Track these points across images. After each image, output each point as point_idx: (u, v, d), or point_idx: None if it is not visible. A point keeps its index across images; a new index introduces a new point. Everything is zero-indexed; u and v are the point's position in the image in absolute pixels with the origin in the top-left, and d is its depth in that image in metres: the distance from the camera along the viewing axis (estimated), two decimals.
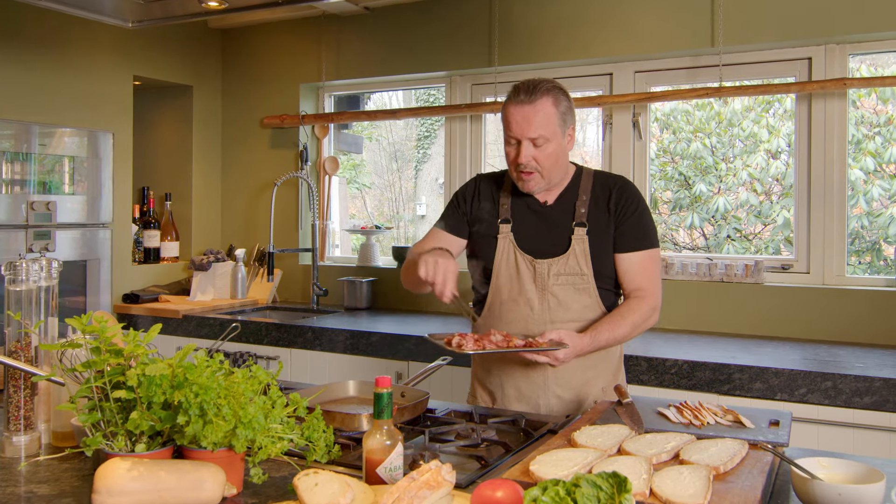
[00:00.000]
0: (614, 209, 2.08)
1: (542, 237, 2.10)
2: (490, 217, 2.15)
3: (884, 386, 2.38)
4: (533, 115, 1.98)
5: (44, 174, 3.55)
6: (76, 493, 1.38)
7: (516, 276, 2.09)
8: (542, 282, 2.06)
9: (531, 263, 2.08)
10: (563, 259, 2.06)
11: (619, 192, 2.10)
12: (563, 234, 2.08)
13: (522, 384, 2.10)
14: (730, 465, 1.41)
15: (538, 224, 2.11)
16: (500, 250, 2.11)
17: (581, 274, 2.06)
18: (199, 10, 3.02)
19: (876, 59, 4.21)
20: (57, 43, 3.74)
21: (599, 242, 2.07)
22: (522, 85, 2.03)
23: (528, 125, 1.98)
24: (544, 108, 1.99)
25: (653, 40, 3.41)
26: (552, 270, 2.06)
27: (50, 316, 1.67)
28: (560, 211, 2.11)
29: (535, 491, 1.11)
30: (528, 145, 2.00)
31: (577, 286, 2.06)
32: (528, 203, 2.13)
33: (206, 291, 4.10)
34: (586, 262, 2.05)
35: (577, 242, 2.06)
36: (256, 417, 1.34)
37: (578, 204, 2.09)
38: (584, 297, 2.07)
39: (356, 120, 4.42)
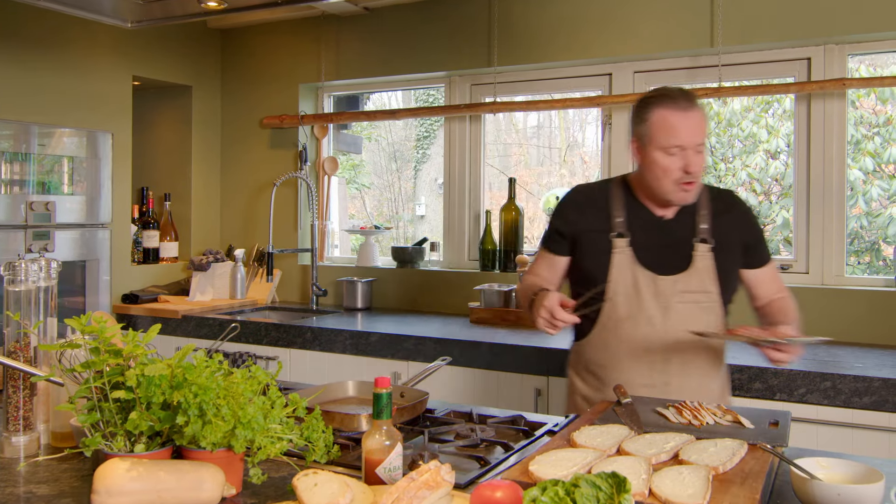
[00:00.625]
0: (740, 226, 2.05)
1: (663, 252, 2.01)
2: (601, 232, 2.06)
3: (883, 386, 2.38)
4: (697, 121, 1.93)
5: (43, 174, 3.55)
6: (75, 493, 1.38)
7: (634, 292, 1.99)
8: (664, 299, 1.98)
9: (653, 280, 1.99)
10: (686, 276, 1.99)
11: (741, 207, 2.09)
12: (685, 249, 2.01)
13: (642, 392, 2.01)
14: (729, 465, 1.41)
15: (658, 238, 2.03)
16: (616, 265, 2.01)
17: (706, 292, 1.99)
18: (199, 10, 3.02)
19: (875, 59, 4.21)
20: (56, 43, 3.73)
21: (726, 259, 2.01)
22: (675, 92, 1.97)
23: (696, 132, 1.92)
24: (702, 114, 1.96)
25: (652, 41, 3.42)
26: (677, 287, 1.98)
27: (49, 316, 1.67)
28: (680, 226, 2.04)
29: (534, 491, 1.11)
30: (693, 153, 1.92)
31: (702, 304, 1.99)
32: (645, 217, 2.05)
33: (205, 292, 4.10)
34: (711, 280, 1.99)
35: (701, 259, 1.99)
36: (256, 418, 1.34)
37: (699, 219, 2.03)
38: (710, 316, 2.00)
39: (355, 120, 4.42)
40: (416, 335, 3.14)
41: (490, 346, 2.97)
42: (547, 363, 2.86)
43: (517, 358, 2.92)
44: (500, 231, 3.80)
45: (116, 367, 1.41)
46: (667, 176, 1.95)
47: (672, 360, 1.99)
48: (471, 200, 3.98)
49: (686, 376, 2.01)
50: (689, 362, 2.00)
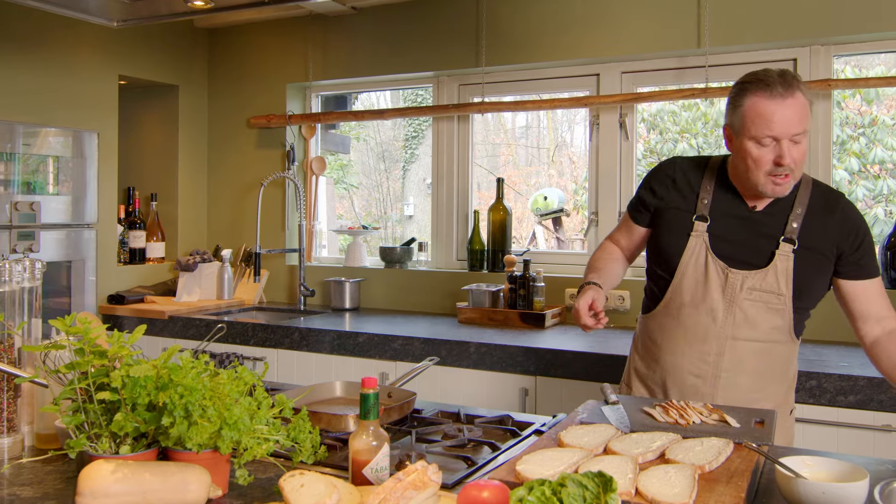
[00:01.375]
0: (840, 232, 1.92)
1: (742, 245, 1.93)
2: (685, 210, 1.98)
3: (868, 385, 2.40)
4: (796, 109, 1.78)
5: (28, 174, 3.53)
6: (60, 495, 1.37)
7: (703, 281, 1.93)
8: (731, 293, 1.91)
9: (724, 271, 1.91)
10: (761, 273, 1.90)
11: (847, 213, 1.94)
12: (768, 246, 1.91)
13: (687, 393, 1.97)
14: (715, 463, 1.41)
15: (740, 230, 1.94)
16: (689, 249, 1.95)
17: (778, 293, 1.90)
18: (185, 9, 3.01)
19: (860, 60, 4.25)
20: (41, 42, 3.71)
21: (809, 264, 1.90)
22: (771, 76, 1.81)
23: (793, 122, 1.78)
24: (802, 101, 1.80)
25: (639, 41, 3.43)
26: (746, 284, 1.90)
27: (33, 317, 1.66)
28: (769, 220, 1.93)
29: (521, 491, 1.11)
30: (789, 144, 1.80)
31: (771, 305, 1.91)
32: (733, 204, 1.95)
33: (192, 292, 4.08)
34: (786, 282, 1.89)
35: (781, 259, 1.89)
36: (242, 418, 1.34)
37: (792, 217, 1.91)
38: (776, 318, 1.92)
39: (343, 120, 4.41)
40: (403, 335, 3.14)
41: (478, 346, 2.98)
42: (534, 363, 2.87)
43: (505, 358, 2.93)
44: (488, 231, 3.80)
45: (101, 369, 1.40)
46: (758, 168, 1.84)
47: (726, 355, 1.93)
48: (459, 200, 3.98)
49: (738, 373, 1.94)
50: (743, 361, 1.94)
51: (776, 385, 2.00)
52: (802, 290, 1.91)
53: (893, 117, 4.40)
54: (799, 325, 1.99)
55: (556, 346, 2.88)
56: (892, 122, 4.38)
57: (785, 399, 2.03)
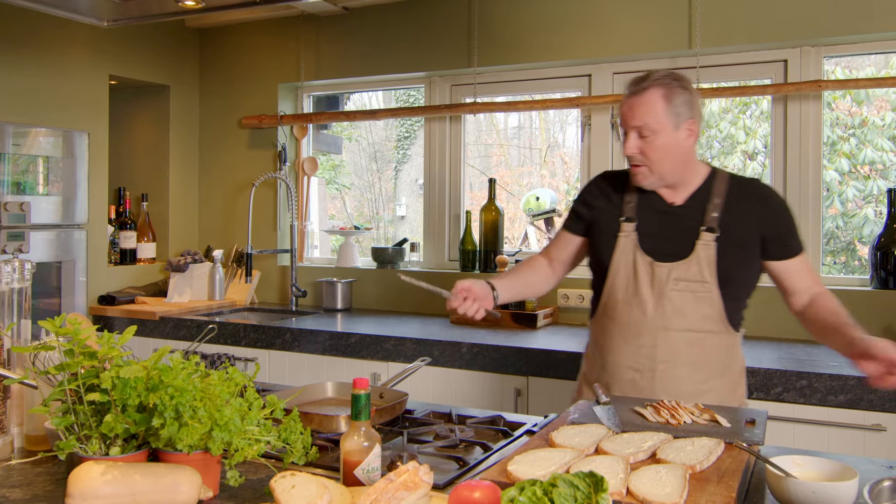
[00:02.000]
0: (760, 216, 1.99)
1: (666, 239, 2.01)
2: (613, 215, 2.08)
3: (858, 384, 2.41)
4: (637, 105, 1.94)
5: (18, 174, 3.51)
6: (49, 497, 1.37)
7: (633, 277, 2.01)
8: (659, 286, 1.98)
9: (650, 265, 1.99)
10: (685, 263, 1.97)
11: (766, 197, 2.03)
12: (689, 237, 1.99)
13: (627, 388, 2.02)
14: (706, 463, 1.42)
15: (663, 225, 2.03)
16: (619, 249, 2.04)
17: (703, 281, 1.96)
18: (176, 9, 3.00)
19: (850, 61, 4.27)
20: (31, 42, 3.69)
21: (733, 251, 1.97)
22: (640, 77, 1.99)
23: (632, 115, 1.95)
24: (651, 98, 1.93)
25: (631, 42, 3.44)
26: (672, 274, 1.97)
27: (23, 318, 1.65)
28: (689, 213, 2.02)
29: (512, 491, 1.11)
30: (634, 136, 1.96)
31: (698, 294, 1.96)
32: (654, 203, 2.05)
33: (183, 293, 4.07)
34: (710, 270, 1.96)
35: (703, 248, 1.97)
36: (233, 419, 1.33)
37: (710, 207, 2.00)
38: (704, 307, 1.97)
39: (335, 120, 4.40)
40: (395, 336, 3.14)
41: (470, 346, 2.98)
42: (527, 363, 2.87)
43: (497, 358, 2.93)
44: (480, 231, 3.80)
45: (91, 370, 1.39)
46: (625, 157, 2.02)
47: (659, 346, 1.98)
48: (451, 201, 3.98)
49: (674, 365, 1.98)
50: (677, 352, 1.97)
51: (718, 379, 2.01)
52: (728, 277, 1.97)
53: (883, 118, 4.43)
54: (733, 315, 2.02)
55: (548, 347, 2.88)
56: (882, 123, 4.41)
57: (732, 394, 2.05)
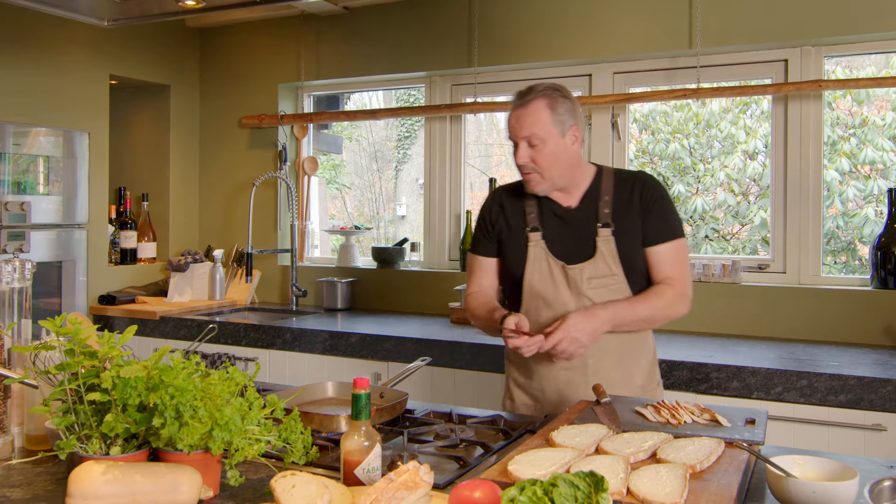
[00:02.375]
0: (638, 205, 2.09)
1: (571, 242, 2.10)
2: (518, 228, 2.15)
3: (858, 384, 2.41)
4: (524, 116, 2.02)
5: (18, 174, 3.51)
6: (50, 496, 1.37)
7: (550, 282, 2.08)
8: (576, 287, 2.06)
9: (564, 269, 2.07)
10: (593, 262, 2.06)
11: (641, 186, 2.11)
12: (589, 236, 2.08)
13: (563, 387, 2.10)
14: (706, 463, 1.42)
15: (565, 229, 2.12)
16: (531, 258, 2.11)
17: (612, 275, 2.06)
18: (177, 8, 3.00)
19: (851, 61, 4.27)
20: (32, 41, 3.69)
21: (627, 241, 2.07)
22: (521, 90, 2.07)
23: (520, 126, 2.03)
24: (537, 109, 2.02)
25: (631, 42, 3.43)
26: (585, 274, 2.06)
27: (23, 318, 1.65)
28: (584, 214, 2.11)
29: (512, 491, 1.11)
30: (524, 146, 2.04)
31: (611, 287, 2.06)
32: (553, 209, 2.13)
33: (183, 293, 4.07)
34: (615, 263, 2.05)
35: (603, 244, 2.06)
36: (233, 419, 1.33)
37: (601, 205, 2.10)
38: (618, 298, 2.06)
39: (335, 120, 4.40)
40: (396, 336, 3.14)
41: (470, 346, 2.98)
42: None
43: (497, 358, 2.93)
44: None
45: (92, 369, 1.39)
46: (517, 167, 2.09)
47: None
48: (451, 201, 3.98)
49: (602, 357, 2.08)
50: (604, 345, 2.06)
51: (639, 363, 2.14)
52: (631, 266, 2.07)
53: (884, 118, 4.42)
54: None
55: None
56: (883, 123, 4.40)
57: (651, 376, 2.18)
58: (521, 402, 2.20)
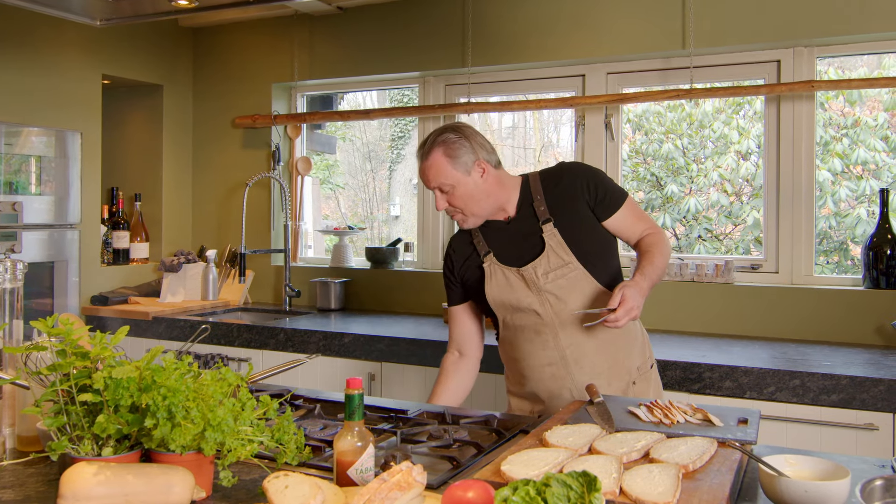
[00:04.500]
0: (574, 191, 2.15)
1: (519, 248, 2.16)
2: (474, 261, 2.23)
3: (850, 384, 2.41)
4: (427, 169, 2.13)
5: (10, 174, 3.50)
6: (41, 498, 1.36)
7: (509, 289, 2.15)
8: (535, 285, 2.11)
9: (518, 273, 2.13)
10: (543, 258, 2.11)
11: (567, 174, 2.19)
12: (535, 236, 2.15)
13: (550, 384, 2.15)
14: (699, 463, 1.42)
15: (510, 239, 2.19)
16: (487, 275, 2.18)
17: (566, 264, 2.10)
18: (169, 8, 2.99)
19: (843, 62, 4.28)
20: (24, 41, 3.68)
21: (571, 228, 2.13)
22: (422, 143, 2.17)
23: (427, 178, 2.14)
24: (436, 161, 2.11)
25: (625, 42, 3.44)
26: (539, 272, 2.11)
27: (15, 318, 1.64)
28: (524, 218, 2.18)
29: (505, 491, 1.11)
30: (438, 194, 2.15)
31: (569, 276, 2.10)
32: (494, 227, 2.22)
33: (176, 293, 4.06)
34: (565, 253, 2.11)
35: (549, 237, 2.12)
36: (226, 420, 1.33)
37: (536, 205, 2.17)
38: (581, 284, 2.11)
39: (329, 120, 4.40)
40: (389, 336, 3.13)
41: None
42: None
43: (490, 358, 2.92)
44: None
45: (83, 370, 1.39)
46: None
47: (561, 336, 2.11)
48: None
49: (581, 347, 2.11)
50: (576, 334, 2.11)
51: (626, 347, 2.18)
52: (583, 251, 2.12)
53: (876, 118, 4.44)
54: (611, 282, 2.16)
55: None
56: (875, 124, 4.42)
57: (642, 355, 2.22)
58: (517, 409, 2.27)
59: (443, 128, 2.17)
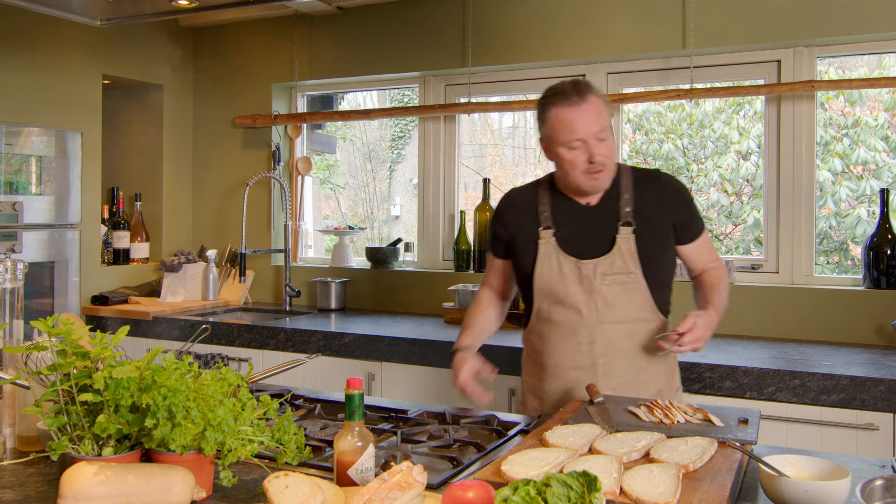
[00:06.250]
0: (665, 207, 2.07)
1: (587, 238, 2.06)
2: (530, 227, 2.12)
3: (850, 384, 2.41)
4: (589, 111, 1.97)
5: (10, 174, 3.50)
6: (42, 498, 1.36)
7: (560, 278, 2.05)
8: (588, 283, 2.02)
9: (576, 265, 2.04)
10: (609, 258, 2.02)
11: (668, 188, 2.11)
12: (608, 233, 2.05)
13: (573, 389, 2.07)
14: (699, 463, 1.42)
15: (582, 226, 2.08)
16: (541, 254, 2.08)
17: (629, 272, 2.02)
18: (170, 8, 3.00)
19: (844, 61, 4.28)
20: (24, 41, 3.68)
21: (650, 240, 2.04)
22: (565, 87, 2.00)
23: (592, 122, 1.97)
24: (597, 102, 1.99)
25: (625, 42, 3.44)
26: (598, 270, 2.02)
27: (15, 318, 1.64)
28: (604, 211, 2.08)
29: (505, 491, 1.11)
30: (595, 142, 1.97)
31: (627, 286, 2.02)
32: (569, 207, 2.10)
33: (176, 293, 4.06)
34: (633, 261, 2.02)
35: (623, 241, 2.03)
36: (226, 420, 1.33)
37: (622, 203, 2.07)
38: (636, 297, 2.03)
39: (329, 120, 4.40)
40: (389, 336, 3.13)
41: None
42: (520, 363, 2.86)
43: (491, 358, 2.91)
44: (474, 231, 3.80)
45: (84, 370, 1.39)
46: (575, 169, 2.01)
47: (597, 342, 2.04)
48: (445, 201, 3.98)
49: (613, 358, 2.04)
50: (615, 345, 2.04)
51: (655, 367, 2.09)
52: (651, 265, 2.04)
53: (876, 118, 4.44)
54: (662, 303, 2.09)
55: None
56: (875, 124, 4.42)
57: (669, 381, 2.15)
58: (530, 407, 2.20)
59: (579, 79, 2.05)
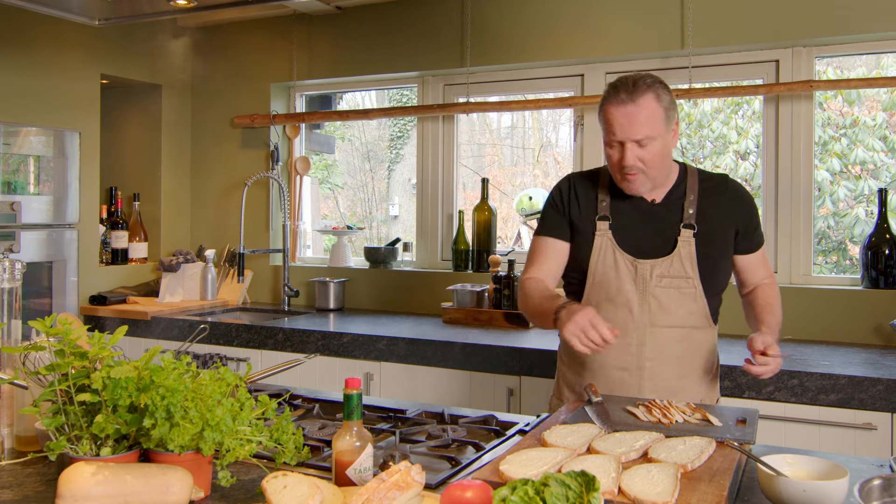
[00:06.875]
0: (738, 213, 2.02)
1: (646, 237, 2.00)
2: (588, 215, 2.04)
3: (849, 383, 2.42)
4: (636, 114, 1.87)
5: (9, 174, 3.49)
6: (40, 498, 1.36)
7: (615, 275, 1.98)
8: (643, 283, 1.96)
9: (632, 263, 1.97)
10: (667, 260, 1.96)
11: (735, 195, 2.04)
12: (670, 234, 1.98)
13: (613, 388, 2.00)
14: (697, 462, 1.42)
15: (642, 223, 2.01)
16: (596, 248, 2.00)
17: (686, 277, 1.96)
18: (168, 7, 3.00)
19: (842, 61, 4.29)
20: (22, 41, 3.67)
21: (710, 246, 1.99)
22: (622, 82, 1.91)
23: (631, 126, 1.87)
24: (647, 106, 1.87)
25: (623, 42, 3.44)
26: (655, 272, 1.96)
27: (13, 318, 1.64)
28: (667, 210, 2.01)
29: (504, 491, 1.11)
30: (632, 147, 1.89)
31: (682, 290, 1.96)
32: (632, 201, 2.02)
33: (175, 293, 4.05)
34: (692, 265, 1.96)
35: (684, 244, 1.96)
36: (224, 420, 1.33)
37: (686, 204, 2.00)
38: (689, 303, 1.97)
39: (328, 120, 4.40)
40: (388, 336, 3.13)
41: (462, 346, 2.98)
42: (519, 363, 2.87)
43: (489, 358, 2.93)
44: (472, 231, 3.80)
45: (82, 370, 1.39)
46: (612, 167, 1.97)
47: (647, 344, 1.98)
48: (444, 201, 3.98)
49: (661, 362, 1.98)
50: (664, 349, 1.98)
51: (701, 374, 2.04)
52: (709, 272, 1.98)
53: (874, 118, 4.45)
54: (714, 310, 2.05)
55: (541, 346, 2.89)
56: (873, 123, 4.42)
57: (712, 389, 2.09)
58: (566, 399, 2.11)
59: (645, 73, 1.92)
